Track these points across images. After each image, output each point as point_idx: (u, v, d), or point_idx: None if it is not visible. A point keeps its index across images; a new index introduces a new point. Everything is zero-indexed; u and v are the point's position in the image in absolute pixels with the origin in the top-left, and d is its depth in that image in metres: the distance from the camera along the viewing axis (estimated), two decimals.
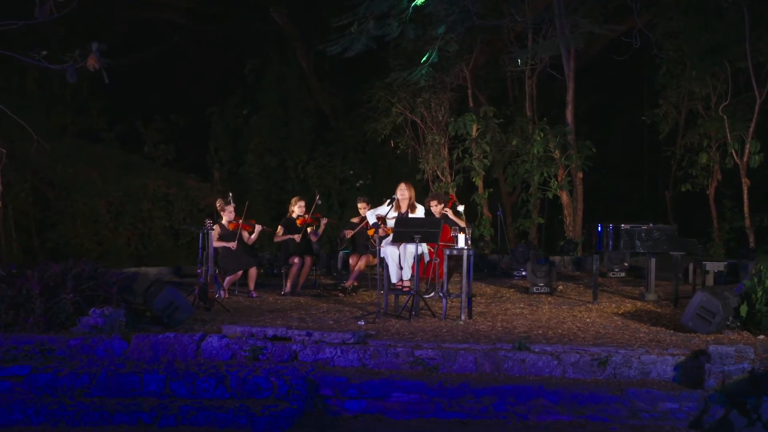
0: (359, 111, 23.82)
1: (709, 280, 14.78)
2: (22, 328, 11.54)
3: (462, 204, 13.84)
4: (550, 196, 20.14)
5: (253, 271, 15.16)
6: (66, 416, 9.79)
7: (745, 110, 20.17)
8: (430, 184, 21.25)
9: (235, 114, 24.83)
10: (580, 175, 20.33)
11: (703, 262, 14.01)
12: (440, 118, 21.14)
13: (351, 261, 15.49)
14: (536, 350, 10.67)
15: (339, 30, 17.65)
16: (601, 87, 24.97)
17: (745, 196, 19.48)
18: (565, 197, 20.24)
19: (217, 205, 15.36)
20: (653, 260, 14.22)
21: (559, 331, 11.83)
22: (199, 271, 13.88)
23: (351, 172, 24.00)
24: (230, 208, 15.17)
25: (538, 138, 19.77)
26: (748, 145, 19.42)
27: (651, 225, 13.94)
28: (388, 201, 13.51)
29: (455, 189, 20.70)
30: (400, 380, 10.16)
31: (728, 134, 19.61)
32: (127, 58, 23.24)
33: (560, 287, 15.98)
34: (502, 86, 24.09)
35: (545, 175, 20.16)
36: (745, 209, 19.50)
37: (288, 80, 24.75)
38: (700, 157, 20.89)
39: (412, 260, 13.13)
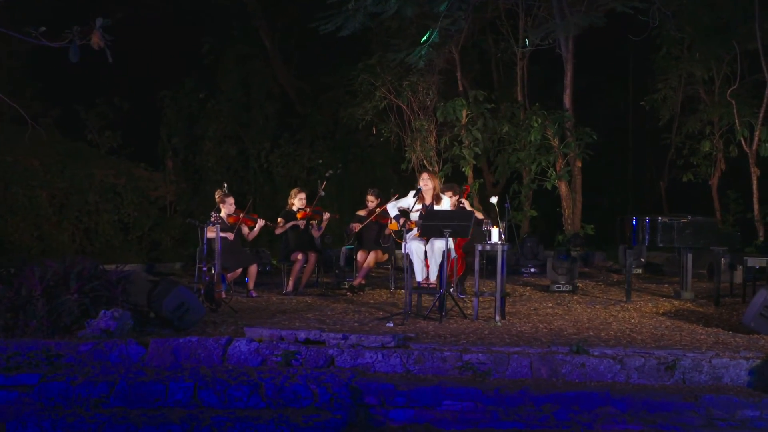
0: (330, 95, 23.50)
1: (738, 277, 14.83)
2: (23, 333, 11.22)
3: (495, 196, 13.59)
4: (549, 186, 20.04)
5: (253, 269, 14.92)
6: (86, 429, 9.44)
7: (751, 95, 20.24)
8: (417, 173, 21.01)
9: (190, 98, 24.29)
10: (579, 164, 20.29)
11: (745, 258, 13.97)
12: (428, 102, 20.92)
13: (359, 257, 15.28)
14: (596, 354, 10.55)
15: (332, 7, 17.35)
16: (582, 68, 24.88)
17: (755, 187, 19.58)
18: (563, 188, 20.20)
19: (216, 196, 15.01)
20: (690, 256, 14.20)
21: (611, 332, 11.78)
22: (204, 269, 13.50)
23: (320, 161, 23.67)
24: (230, 200, 14.89)
25: (535, 124, 19.66)
26: (758, 132, 19.47)
27: (689, 217, 13.91)
28: (414, 192, 13.28)
29: (443, 179, 20.47)
30: (451, 387, 9.98)
31: (737, 120, 19.63)
32: (62, 37, 22.53)
33: (579, 285, 15.90)
34: (486, 69, 23.93)
35: (543, 164, 20.04)
36: (755, 200, 19.56)
37: (250, 61, 24.33)
38: (703, 145, 20.95)
39: (441, 257, 12.90)
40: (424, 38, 16.65)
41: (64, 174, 23.02)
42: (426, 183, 13.40)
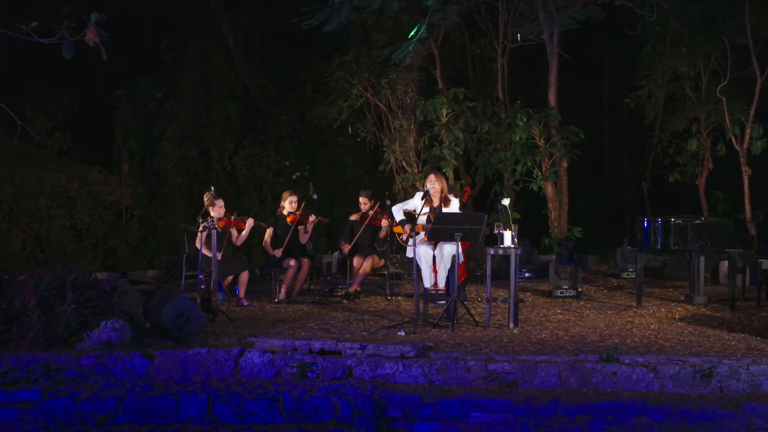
0: (297, 94, 23.30)
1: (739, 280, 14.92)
2: (18, 346, 10.98)
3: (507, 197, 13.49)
4: (535, 188, 19.99)
5: (244, 277, 14.75)
6: None
7: (738, 91, 20.38)
8: (395, 174, 20.92)
9: (147, 97, 23.89)
10: (565, 164, 20.29)
11: (759, 260, 14.02)
12: (407, 101, 20.80)
13: (354, 263, 15.15)
14: (627, 361, 10.51)
15: (303, 2, 17.23)
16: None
17: (746, 187, 19.68)
18: (550, 189, 20.17)
19: (205, 199, 14.79)
20: (702, 258, 14.22)
21: (635, 339, 11.80)
22: (200, 276, 13.27)
23: (287, 163, 23.42)
24: (220, 202, 14.70)
25: (521, 123, 19.62)
26: (748, 130, 19.59)
27: (703, 219, 13.93)
28: (423, 194, 13.15)
29: (422, 180, 20.37)
30: (480, 398, 9.88)
31: (727, 118, 19.73)
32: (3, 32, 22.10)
33: (581, 290, 15.90)
34: (461, 66, 23.88)
35: (528, 164, 20.01)
36: (746, 201, 19.67)
37: (211, 58, 24.04)
38: (689, 144, 21.06)
39: (450, 262, 12.81)
40: (412, 33, 16.52)
41: (13, 178, 22.58)
42: (433, 184, 13.28)
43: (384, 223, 15.20)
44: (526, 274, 17.39)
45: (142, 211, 23.42)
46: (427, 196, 13.15)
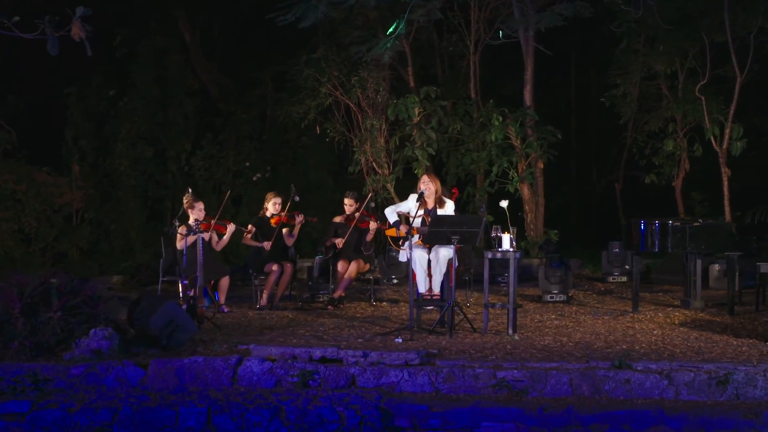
0: (257, 92, 23.12)
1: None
2: (3, 355, 10.88)
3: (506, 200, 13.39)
4: (512, 189, 19.95)
5: (225, 282, 14.63)
6: None
7: (715, 90, 20.49)
8: (366, 176, 20.82)
9: (99, 95, 23.56)
10: (542, 165, 20.29)
11: (758, 264, 14.09)
12: (378, 100, 20.71)
13: (339, 268, 15.01)
14: (639, 368, 10.51)
15: None
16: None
17: (725, 189, 19.74)
18: (526, 191, 20.14)
19: (185, 202, 14.60)
20: (699, 262, 14.28)
21: (643, 345, 11.86)
22: (185, 282, 13.11)
23: (247, 164, 23.26)
24: (200, 205, 14.53)
25: (497, 123, 19.58)
26: (728, 130, 19.68)
27: (701, 221, 13.98)
28: (417, 196, 13.07)
29: (393, 182, 20.33)
30: (491, 407, 9.85)
31: (706, 117, 19.83)
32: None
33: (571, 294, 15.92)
34: (429, 64, 23.82)
35: (505, 165, 19.98)
36: (725, 203, 19.75)
37: (167, 55, 23.77)
38: (666, 144, 21.14)
39: (446, 266, 12.75)
40: (391, 29, 16.45)
41: None
42: (428, 185, 13.24)
43: (372, 225, 15.08)
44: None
45: (94, 215, 23.12)
46: (421, 198, 13.06)
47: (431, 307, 13.47)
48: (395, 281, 17.53)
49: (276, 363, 10.68)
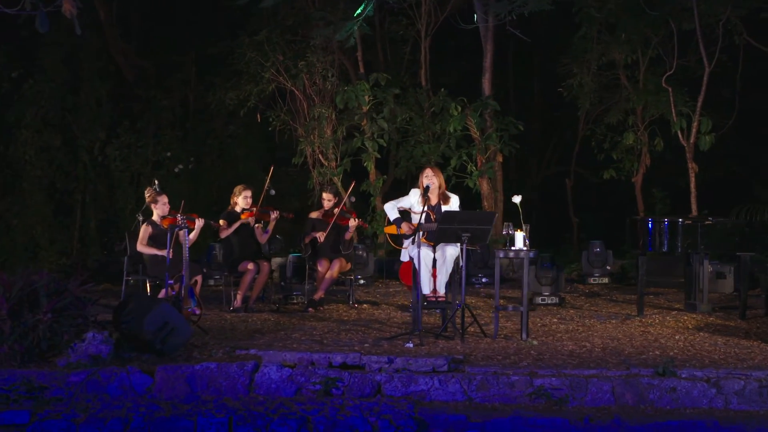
0: (179, 76, 22.67)
1: (726, 286, 15.13)
2: None
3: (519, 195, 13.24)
4: (471, 184, 19.84)
5: (198, 281, 14.13)
6: None
7: (679, 81, 20.64)
8: (312, 168, 20.52)
9: (1, 77, 22.85)
10: (500, 158, 20.23)
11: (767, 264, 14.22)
12: (328, 86, 20.42)
13: (320, 267, 14.73)
14: (684, 376, 10.50)
15: None
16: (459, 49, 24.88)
17: (693, 185, 19.95)
18: (485, 186, 20.06)
19: (147, 196, 14.18)
20: (706, 263, 14.30)
21: (675, 351, 11.90)
22: (170, 282, 12.71)
23: (168, 154, 22.79)
24: (164, 199, 14.17)
25: (455, 113, 19.46)
26: (695, 123, 19.84)
27: (711, 219, 14.00)
28: (424, 190, 12.82)
29: (341, 175, 20.06)
30: (533, 416, 9.78)
31: (672, 110, 19.96)
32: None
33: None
34: (372, 49, 23.60)
35: (463, 158, 19.86)
36: (693, 200, 19.93)
37: (80, 34, 23.07)
38: (625, 138, 21.23)
39: (452, 265, 12.57)
40: (358, 11, 16.11)
41: None
42: (432, 180, 12.98)
43: (352, 222, 14.83)
44: (483, 279, 17.28)
45: None
46: (426, 193, 12.82)
47: (438, 310, 13.24)
48: (362, 282, 17.27)
49: (295, 369, 10.50)
